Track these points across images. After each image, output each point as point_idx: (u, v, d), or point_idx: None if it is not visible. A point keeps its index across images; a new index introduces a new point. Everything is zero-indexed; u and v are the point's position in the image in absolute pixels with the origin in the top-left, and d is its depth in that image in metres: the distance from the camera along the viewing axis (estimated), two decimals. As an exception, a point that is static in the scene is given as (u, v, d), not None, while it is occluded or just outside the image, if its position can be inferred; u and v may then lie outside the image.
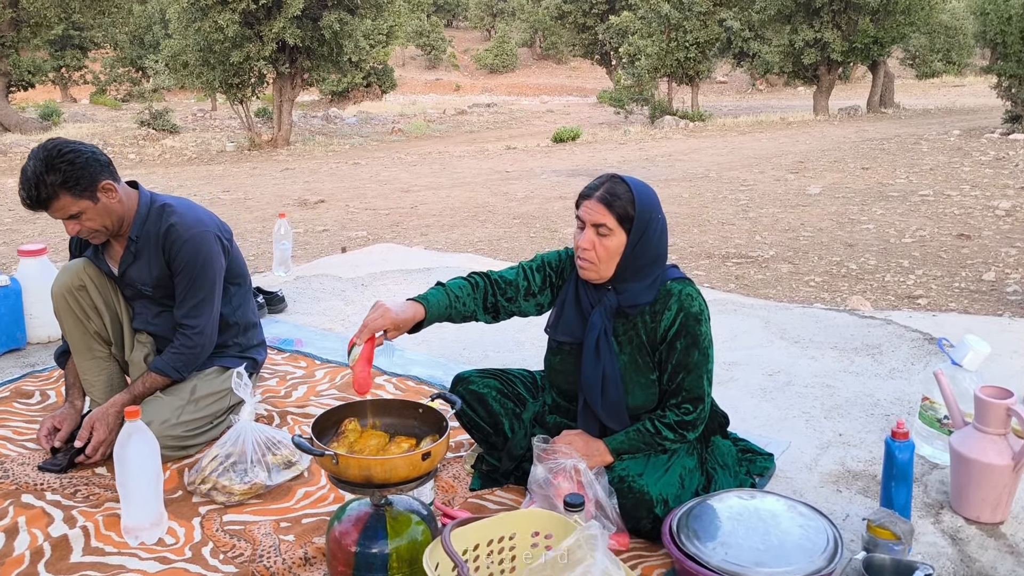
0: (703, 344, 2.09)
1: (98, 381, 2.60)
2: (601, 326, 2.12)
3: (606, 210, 2.00)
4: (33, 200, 2.27)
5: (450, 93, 48.01)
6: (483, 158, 12.93)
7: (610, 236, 2.02)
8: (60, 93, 38.54)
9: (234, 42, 16.06)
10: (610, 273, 2.08)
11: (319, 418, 1.86)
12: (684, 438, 2.10)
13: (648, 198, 2.06)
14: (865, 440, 2.63)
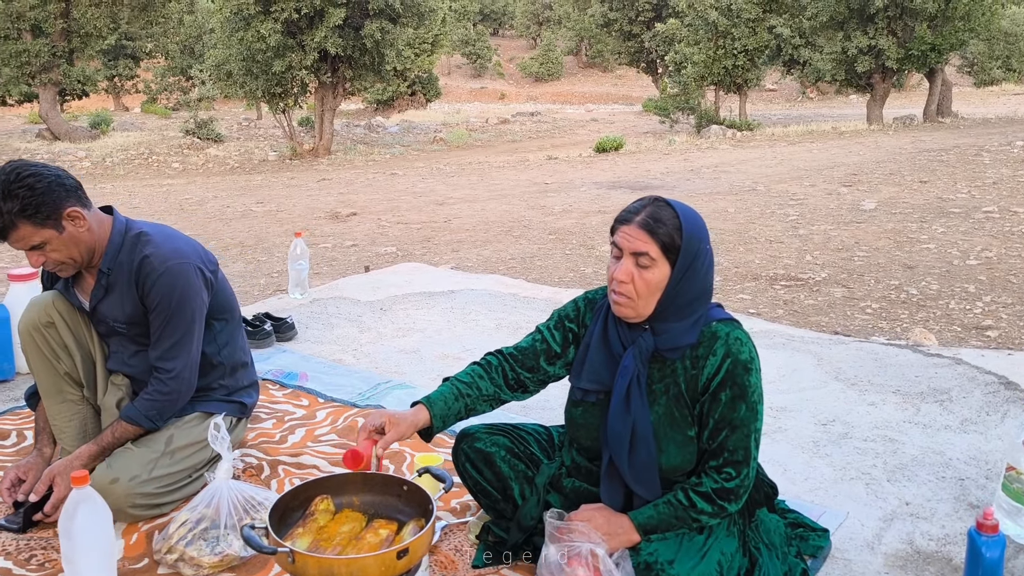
0: (752, 397, 1.76)
1: (69, 427, 2.35)
2: (634, 371, 1.81)
3: (649, 237, 1.70)
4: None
5: (495, 101, 47.95)
6: (523, 169, 12.64)
7: (652, 268, 1.71)
8: (113, 102, 39.35)
9: (276, 51, 16.05)
10: (649, 311, 1.77)
11: (284, 497, 1.58)
12: (723, 511, 1.77)
13: (697, 225, 1.76)
14: (937, 512, 2.26)
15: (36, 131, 21.88)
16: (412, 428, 1.82)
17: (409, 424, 1.81)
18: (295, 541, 1.49)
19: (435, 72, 37.79)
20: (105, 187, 12.52)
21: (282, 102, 17.42)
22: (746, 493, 1.79)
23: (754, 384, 1.77)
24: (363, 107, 36.27)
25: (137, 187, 12.23)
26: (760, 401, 1.79)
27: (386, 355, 3.50)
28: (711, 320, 1.82)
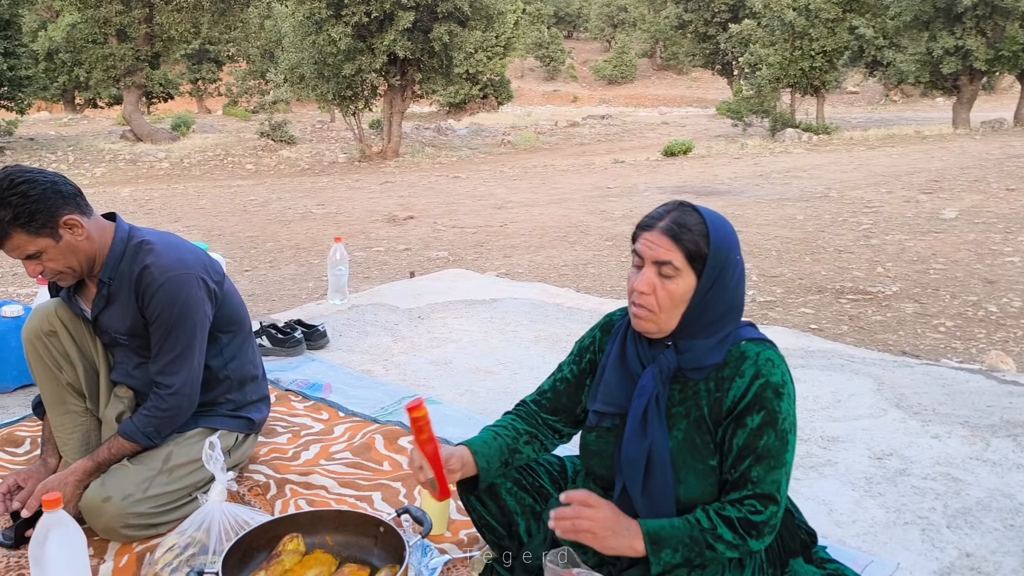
0: (782, 425, 1.55)
1: (71, 439, 2.28)
2: (653, 391, 1.63)
3: (672, 244, 1.53)
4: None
5: (567, 104, 47.71)
6: (587, 173, 12.42)
7: (676, 278, 1.54)
8: (196, 105, 40.61)
9: (347, 55, 16.20)
10: (672, 325, 1.59)
11: (248, 535, 1.44)
12: (744, 544, 1.54)
13: (726, 232, 1.57)
14: (1002, 566, 2.00)
15: (121, 132, 22.64)
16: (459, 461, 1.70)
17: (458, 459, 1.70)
18: (255, 586, 1.36)
19: (507, 75, 37.84)
20: (178, 187, 12.80)
21: (352, 105, 17.59)
22: (771, 534, 1.57)
23: (786, 411, 1.57)
24: (435, 110, 36.54)
25: (207, 188, 12.46)
26: (792, 431, 1.58)
27: (416, 367, 3.37)
28: (740, 339, 1.63)
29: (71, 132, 23.47)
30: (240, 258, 6.59)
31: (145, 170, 17.39)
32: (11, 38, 20.73)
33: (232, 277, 5.88)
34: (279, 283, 5.76)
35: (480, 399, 3.05)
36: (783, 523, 1.75)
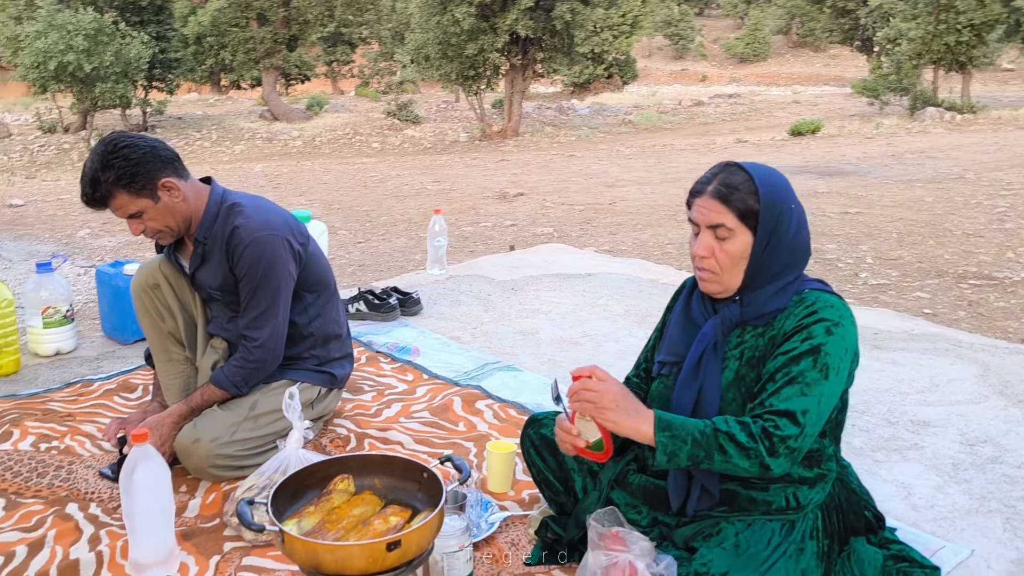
0: (824, 359, 1.51)
1: (173, 385, 2.47)
2: (712, 338, 1.65)
3: (723, 207, 1.55)
4: (89, 198, 2.14)
5: (695, 83, 46.53)
6: (706, 152, 12.14)
7: (732, 238, 1.55)
8: (331, 86, 42.11)
9: (470, 35, 16.40)
10: (736, 283, 1.60)
11: (300, 473, 1.54)
12: (757, 452, 1.48)
13: (775, 184, 1.57)
14: (1089, 561, 1.88)
15: (259, 112, 23.78)
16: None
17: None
18: (302, 520, 1.46)
19: (634, 54, 37.28)
20: (306, 164, 13.36)
21: (474, 84, 17.80)
22: (787, 458, 1.50)
23: (834, 345, 1.52)
24: (559, 90, 36.45)
25: (333, 165, 12.96)
26: (839, 370, 1.53)
27: (503, 335, 3.44)
28: (806, 288, 1.61)
29: (216, 112, 24.77)
30: (355, 230, 6.85)
31: (279, 148, 18.20)
32: (163, 23, 22.11)
33: (345, 248, 6.17)
34: (389, 255, 5.96)
35: (561, 368, 3.08)
36: (847, 501, 1.71)
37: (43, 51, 16.27)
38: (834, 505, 1.66)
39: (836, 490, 1.67)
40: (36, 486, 2.25)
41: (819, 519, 1.62)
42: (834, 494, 1.66)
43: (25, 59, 16.81)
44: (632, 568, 1.57)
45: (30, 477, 2.29)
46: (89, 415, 2.68)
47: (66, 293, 3.19)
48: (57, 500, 2.18)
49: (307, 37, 26.68)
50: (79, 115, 18.91)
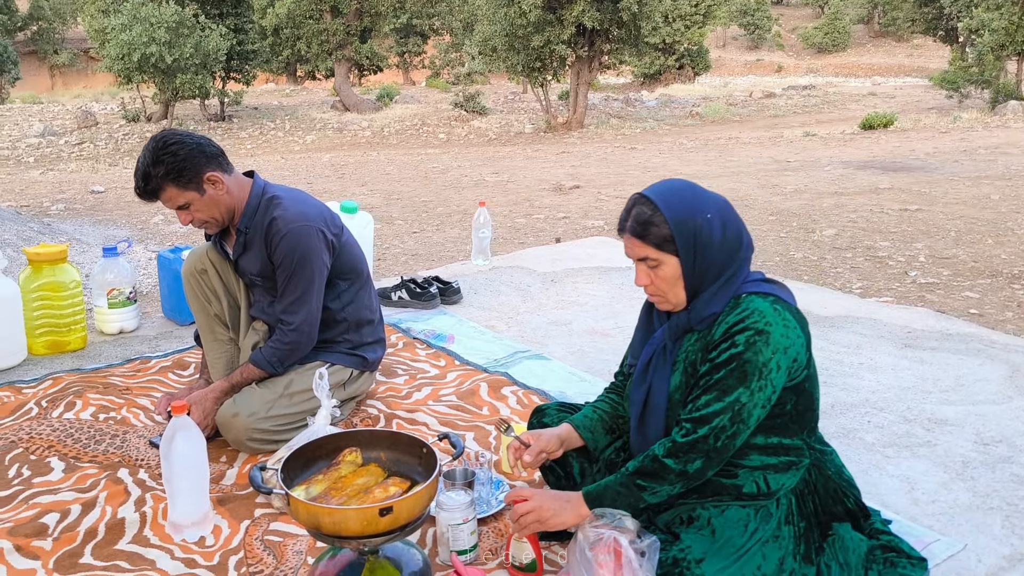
0: (744, 367, 1.60)
1: (218, 363, 2.67)
2: (661, 343, 1.78)
3: (641, 243, 1.67)
4: (141, 191, 2.34)
5: (771, 74, 45.63)
6: (770, 145, 11.99)
7: (660, 266, 1.67)
8: (403, 76, 42.70)
9: (536, 27, 16.49)
10: (682, 298, 1.71)
11: (312, 444, 1.69)
12: (667, 471, 1.62)
13: (682, 206, 1.65)
14: (1083, 561, 1.91)
15: (331, 103, 24.33)
16: (556, 440, 1.90)
17: (550, 436, 1.90)
18: (311, 486, 1.61)
19: (706, 44, 36.75)
20: (372, 154, 13.68)
21: (540, 76, 17.88)
22: (701, 460, 1.62)
23: (753, 355, 1.60)
24: (630, 81, 36.21)
25: (398, 155, 13.23)
26: (756, 376, 1.60)
27: (536, 325, 3.56)
28: (744, 292, 1.70)
29: (291, 102, 25.41)
30: (411, 220, 7.05)
31: (349, 138, 18.62)
32: (240, 15, 22.77)
33: (400, 238, 6.36)
34: (441, 244, 6.13)
35: (588, 358, 3.18)
36: (824, 487, 1.78)
37: (127, 43, 16.99)
38: (808, 490, 1.73)
39: (812, 476, 1.74)
40: (93, 452, 2.46)
41: (793, 503, 1.70)
42: (809, 480, 1.73)
43: (111, 51, 17.58)
44: (616, 544, 1.68)
45: (88, 444, 2.51)
46: (145, 389, 2.91)
47: (130, 276, 3.43)
48: (110, 465, 2.39)
49: (379, 29, 27.14)
50: (161, 105, 19.68)
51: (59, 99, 28.65)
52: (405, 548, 1.69)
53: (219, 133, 18.65)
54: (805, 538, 1.71)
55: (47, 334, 3.21)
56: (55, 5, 45.11)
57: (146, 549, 2.01)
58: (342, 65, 23.83)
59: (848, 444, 2.48)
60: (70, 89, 39.83)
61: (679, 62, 35.48)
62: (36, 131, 17.98)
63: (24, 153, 15.85)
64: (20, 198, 9.26)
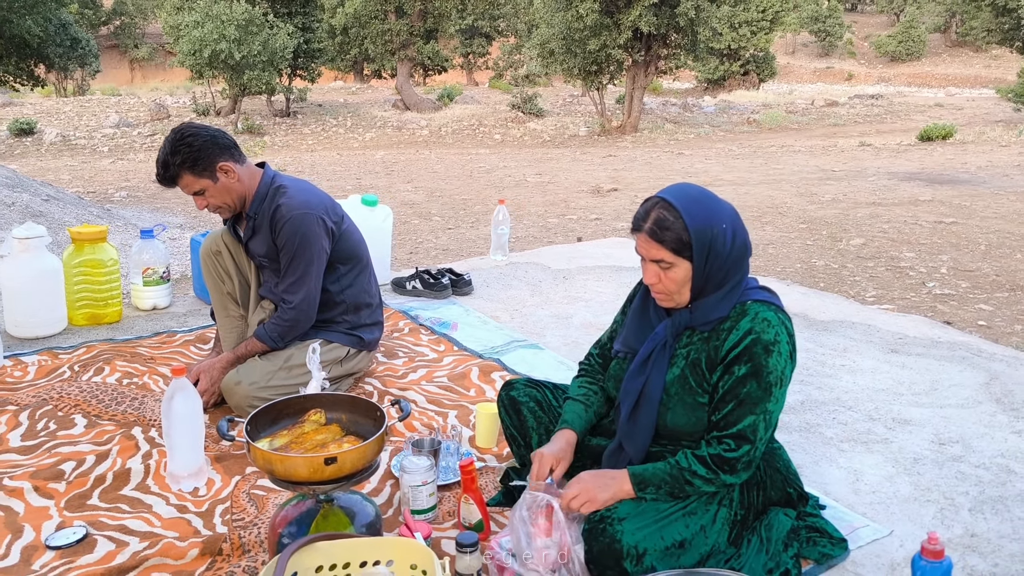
0: (767, 378, 1.77)
1: (229, 338, 2.92)
2: (663, 338, 1.90)
3: (658, 246, 1.77)
4: (161, 177, 2.60)
5: (840, 82, 44.78)
6: (820, 154, 11.91)
7: (672, 269, 1.80)
8: (466, 77, 43.18)
9: (592, 30, 16.62)
10: (686, 298, 1.86)
11: (279, 403, 1.91)
12: (717, 478, 1.78)
13: (703, 215, 1.77)
14: (1001, 549, 2.01)
15: (392, 101, 24.83)
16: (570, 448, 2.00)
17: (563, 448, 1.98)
18: (275, 439, 1.82)
19: (773, 51, 36.29)
20: (424, 153, 14.00)
21: (596, 79, 18.00)
22: (746, 470, 1.79)
23: (773, 366, 1.77)
24: (692, 86, 35.97)
25: (449, 154, 13.51)
26: (778, 384, 1.78)
27: (538, 318, 3.74)
28: (747, 299, 1.84)
29: (354, 100, 25.98)
30: (448, 217, 7.28)
31: (407, 136, 19.01)
32: (308, 15, 23.42)
33: (435, 233, 6.61)
34: (472, 241, 6.35)
35: (581, 350, 3.32)
36: (767, 476, 1.94)
37: (199, 39, 17.67)
38: (755, 482, 1.88)
39: (761, 469, 1.89)
40: (112, 411, 2.74)
41: (735, 493, 1.85)
42: (757, 472, 1.88)
43: (184, 46, 18.31)
44: (549, 507, 1.86)
45: (110, 404, 2.78)
46: (167, 359, 3.18)
47: (163, 257, 3.73)
48: (126, 423, 2.66)
49: (444, 30, 27.59)
50: (229, 100, 20.39)
51: (136, 92, 29.78)
52: (359, 500, 1.89)
53: (283, 129, 19.24)
54: (741, 524, 1.85)
55: (86, 307, 3.52)
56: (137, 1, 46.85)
57: (146, 495, 2.26)
58: (404, 64, 24.31)
59: (806, 437, 2.60)
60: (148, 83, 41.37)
61: (744, 68, 35.11)
62: (112, 122, 18.82)
63: (99, 143, 16.62)
64: (88, 185, 9.81)
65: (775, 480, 1.96)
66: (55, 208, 5.76)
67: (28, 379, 3.00)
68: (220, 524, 2.11)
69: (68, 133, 17.31)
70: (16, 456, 2.44)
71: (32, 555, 1.96)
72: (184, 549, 1.94)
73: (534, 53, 20.08)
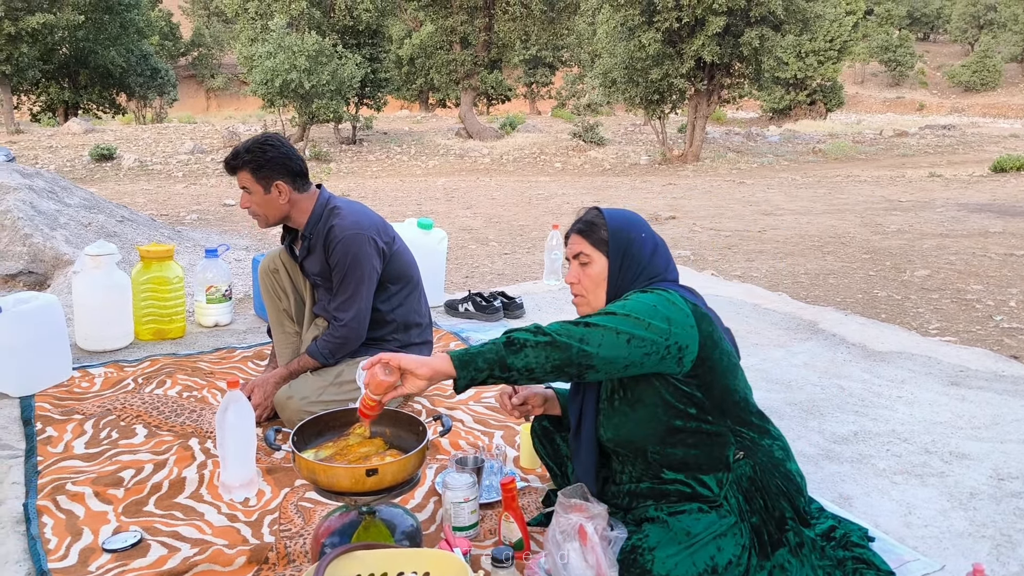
0: (628, 305, 1.74)
1: (285, 353, 3.00)
2: None
3: (582, 239, 1.92)
4: (227, 163, 2.70)
5: (911, 113, 43.88)
6: (887, 185, 11.66)
7: (591, 263, 1.91)
8: (529, 106, 43.62)
9: (655, 60, 16.66)
10: (601, 302, 1.91)
11: (325, 416, 1.96)
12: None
13: (624, 220, 1.92)
14: (1060, 591, 1.94)
15: (456, 130, 25.19)
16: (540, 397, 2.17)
17: (536, 392, 2.16)
18: (320, 451, 1.87)
19: (841, 80, 35.78)
20: (485, 180, 14.15)
21: (658, 108, 18.00)
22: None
23: (640, 300, 1.74)
24: (758, 115, 35.65)
25: (509, 182, 13.64)
26: (633, 313, 1.71)
27: (588, 342, 3.74)
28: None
29: (419, 128, 26.44)
30: (505, 243, 7.34)
31: (469, 164, 19.26)
32: (376, 45, 24.01)
33: (491, 258, 6.67)
34: (528, 267, 6.39)
35: (630, 375, 3.34)
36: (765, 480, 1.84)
37: (271, 69, 18.27)
38: (755, 488, 1.84)
39: (755, 473, 1.84)
40: (172, 423, 2.84)
41: (742, 501, 1.83)
42: (754, 477, 1.84)
43: (256, 76, 18.94)
44: (582, 529, 1.86)
45: (169, 416, 2.88)
46: (226, 374, 3.28)
47: (226, 276, 3.85)
48: (184, 435, 2.75)
49: (508, 60, 27.96)
50: (298, 127, 20.97)
51: (211, 120, 30.84)
52: (400, 513, 1.93)
53: (349, 156, 19.69)
54: (758, 533, 1.83)
55: (152, 322, 3.65)
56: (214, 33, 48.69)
57: (199, 504, 2.33)
58: (468, 94, 24.67)
59: (858, 468, 2.55)
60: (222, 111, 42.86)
61: (810, 97, 34.70)
62: (187, 148, 19.52)
63: (174, 168, 17.25)
64: (162, 207, 10.18)
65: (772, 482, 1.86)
66: (128, 229, 6.01)
67: (94, 390, 3.13)
68: (268, 534, 2.16)
69: (145, 159, 18.02)
70: (80, 463, 2.54)
71: (89, 557, 2.04)
72: (232, 556, 1.99)
73: (596, 82, 20.20)
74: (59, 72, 26.87)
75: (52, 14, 23.27)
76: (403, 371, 1.70)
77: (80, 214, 5.90)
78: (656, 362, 1.73)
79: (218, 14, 46.81)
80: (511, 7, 22.60)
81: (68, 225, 5.60)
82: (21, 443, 2.68)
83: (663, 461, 1.85)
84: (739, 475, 1.83)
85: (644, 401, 1.81)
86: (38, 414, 2.88)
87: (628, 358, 1.70)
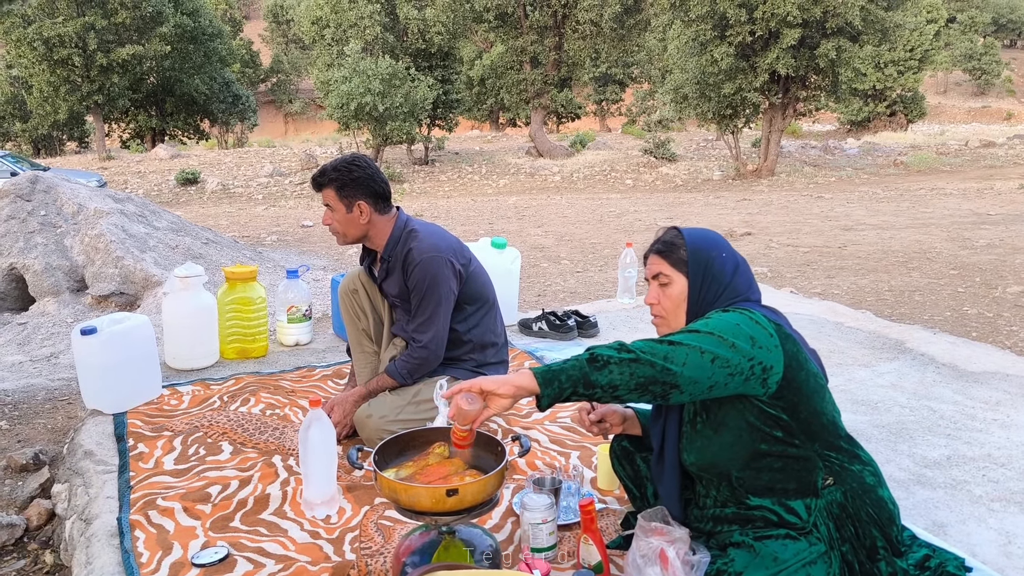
0: (712, 323, 1.69)
1: (363, 372, 3.05)
2: None
3: (661, 259, 1.88)
4: (314, 179, 2.77)
5: (998, 122, 42.30)
6: (975, 197, 11.24)
7: (671, 284, 1.87)
8: (599, 123, 43.60)
9: (727, 74, 16.46)
10: (682, 321, 1.87)
11: (405, 435, 1.98)
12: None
13: (704, 239, 1.88)
14: None
15: (526, 148, 25.35)
16: (619, 416, 2.15)
17: (615, 410, 2.15)
18: (400, 470, 1.89)
19: (923, 90, 34.77)
20: (555, 198, 14.17)
21: (731, 123, 17.77)
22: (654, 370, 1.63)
23: (723, 319, 1.70)
24: (835, 128, 34.87)
25: (580, 200, 13.62)
26: (716, 332, 1.67)
27: (665, 362, 3.69)
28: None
29: (490, 148, 26.69)
30: (577, 260, 7.33)
31: (539, 182, 19.33)
32: (448, 67, 24.41)
33: (563, 276, 6.68)
34: (600, 284, 6.36)
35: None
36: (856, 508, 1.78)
37: (346, 93, 18.73)
38: (846, 515, 1.78)
39: (846, 500, 1.78)
40: (256, 440, 2.91)
41: (832, 528, 1.77)
42: (844, 504, 1.78)
43: (332, 100, 19.45)
44: (664, 554, 1.83)
45: (254, 433, 2.96)
46: (307, 393, 3.35)
47: (306, 296, 3.94)
48: (268, 451, 2.82)
49: (578, 78, 28.03)
50: (373, 149, 21.42)
51: (289, 144, 31.75)
52: (480, 533, 1.93)
53: (422, 176, 19.98)
54: (848, 563, 1.77)
55: (236, 342, 3.76)
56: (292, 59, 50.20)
57: (283, 520, 2.38)
58: (538, 112, 24.80)
59: (952, 495, 2.45)
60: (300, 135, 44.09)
61: (890, 109, 33.81)
62: (266, 171, 20.12)
63: (254, 191, 17.78)
64: (244, 229, 10.50)
65: (862, 509, 1.80)
66: (213, 250, 6.21)
67: (183, 407, 3.23)
68: (349, 551, 2.19)
69: (228, 182, 18.63)
70: (169, 478, 2.63)
71: (179, 571, 2.09)
72: (315, 573, 2.03)
73: (667, 98, 20.08)
74: (147, 100, 28.10)
75: (141, 45, 24.39)
76: (485, 393, 1.70)
77: (168, 237, 6.13)
78: (740, 383, 1.69)
79: (296, 41, 48.28)
80: (581, 26, 22.68)
81: (157, 248, 5.82)
82: (114, 459, 2.78)
83: (748, 486, 1.80)
84: (829, 501, 1.77)
85: (728, 424, 1.77)
86: (130, 431, 2.99)
87: (712, 379, 1.66)
